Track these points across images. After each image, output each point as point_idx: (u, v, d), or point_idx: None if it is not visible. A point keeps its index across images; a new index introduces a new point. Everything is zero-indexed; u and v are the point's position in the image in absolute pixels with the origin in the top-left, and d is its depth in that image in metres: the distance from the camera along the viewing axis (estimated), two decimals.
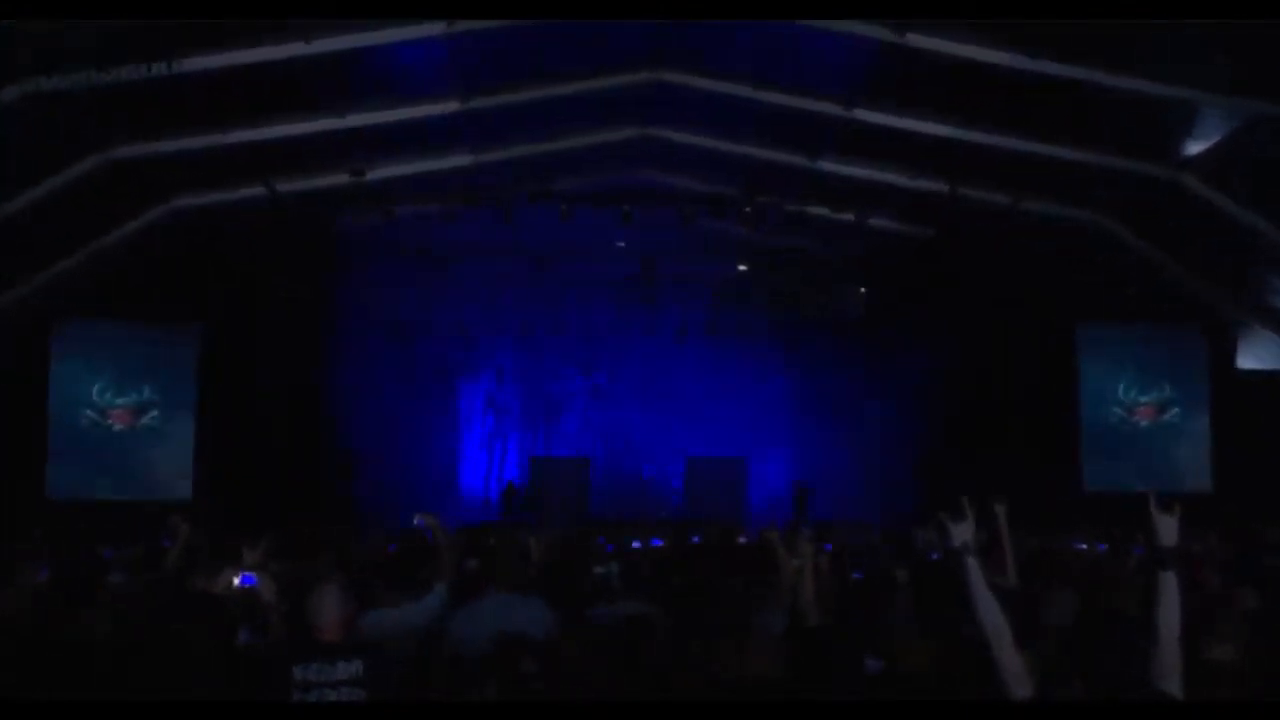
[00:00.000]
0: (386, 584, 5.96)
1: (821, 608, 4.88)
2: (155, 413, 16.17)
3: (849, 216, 16.16)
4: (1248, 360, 16.95)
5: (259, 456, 15.80)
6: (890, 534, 11.10)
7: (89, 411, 15.98)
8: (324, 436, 17.29)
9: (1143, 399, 17.13)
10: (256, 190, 14.59)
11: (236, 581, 4.38)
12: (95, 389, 15.98)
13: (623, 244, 18.27)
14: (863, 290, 20.00)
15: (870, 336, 19.62)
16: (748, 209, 16.09)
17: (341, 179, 14.73)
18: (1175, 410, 17.15)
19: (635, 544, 10.16)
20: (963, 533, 3.19)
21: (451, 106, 13.42)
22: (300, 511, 14.79)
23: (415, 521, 7.26)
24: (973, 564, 3.14)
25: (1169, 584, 3.06)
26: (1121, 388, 17.12)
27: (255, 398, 16.05)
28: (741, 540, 11.93)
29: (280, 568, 6.08)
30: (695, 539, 11.48)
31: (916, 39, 11.41)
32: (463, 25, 11.27)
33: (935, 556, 8.51)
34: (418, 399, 20.12)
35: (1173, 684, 3.03)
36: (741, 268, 19.55)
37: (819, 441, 20.32)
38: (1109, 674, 3.95)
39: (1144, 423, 17.11)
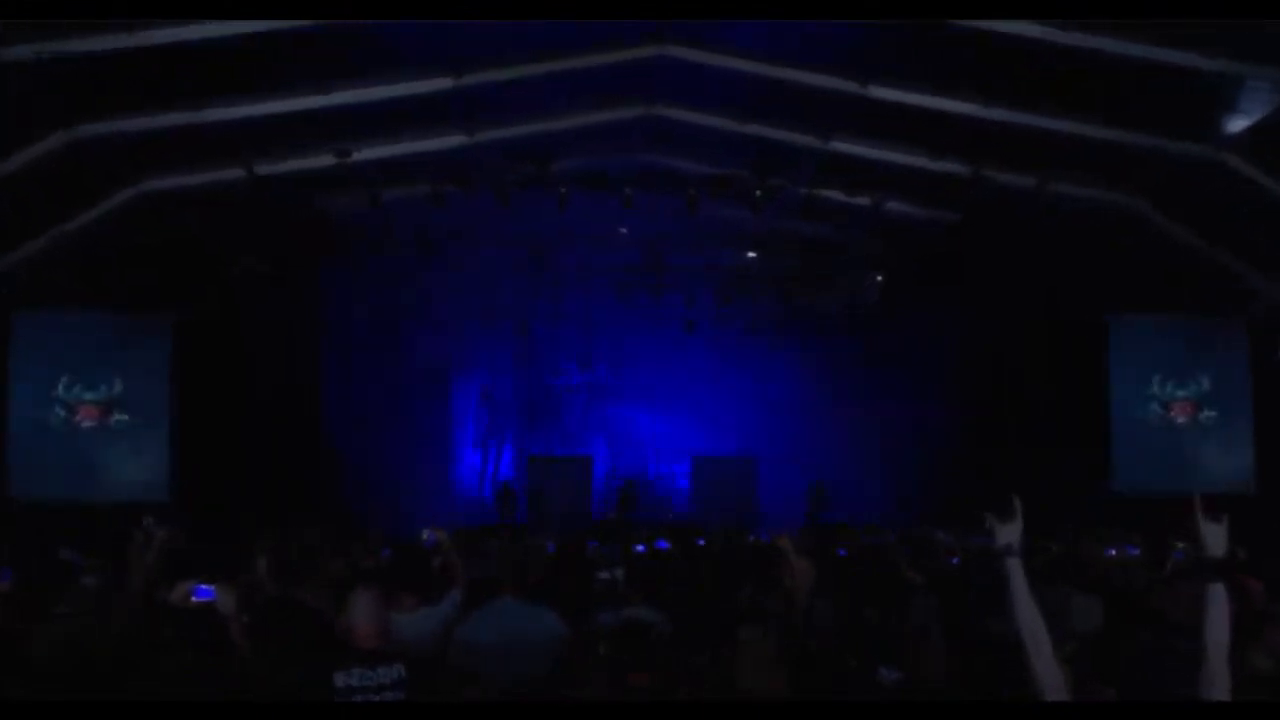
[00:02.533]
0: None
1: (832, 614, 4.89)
2: (126, 409, 16.12)
3: (865, 200, 16.10)
4: None
5: (239, 456, 15.74)
6: (908, 536, 11.07)
7: (55, 407, 15.88)
8: (308, 435, 17.27)
9: (1179, 394, 17.02)
10: (234, 172, 14.52)
11: (192, 595, 4.42)
12: (61, 383, 15.89)
13: (625, 230, 18.24)
14: (880, 279, 19.96)
15: (887, 328, 19.60)
16: (758, 193, 16.03)
17: (326, 160, 14.63)
18: (1214, 406, 17.05)
19: (639, 548, 10.12)
20: (1009, 534, 3.20)
21: (443, 83, 13.37)
22: (283, 515, 14.80)
23: (425, 536, 7.43)
24: (1016, 567, 3.16)
25: (1217, 596, 3.05)
26: (1156, 382, 17.00)
27: (234, 393, 15.99)
28: (751, 539, 11.96)
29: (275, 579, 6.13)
30: (700, 541, 11.47)
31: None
32: None
33: (956, 561, 8.51)
34: (408, 395, 20.12)
35: (1220, 699, 3.02)
36: (751, 255, 19.52)
37: (833, 439, 20.31)
38: (1143, 684, 3.92)
39: (1180, 419, 16.99)
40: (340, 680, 4.12)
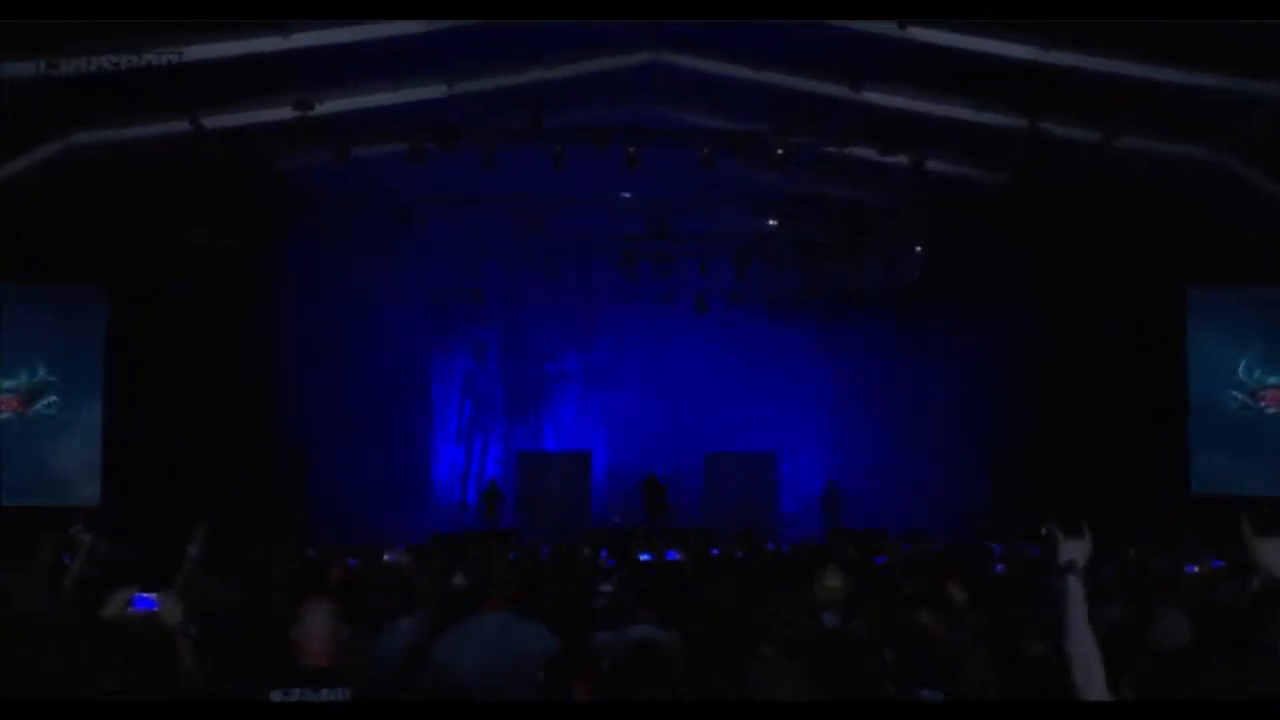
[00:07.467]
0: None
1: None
2: (53, 397, 16.06)
3: (902, 159, 16.07)
4: None
5: (184, 451, 15.74)
6: (952, 545, 11.09)
7: None
8: (266, 428, 17.27)
9: (1270, 380, 16.95)
10: (178, 125, 14.47)
11: (130, 605, 4.37)
12: None
13: (628, 194, 18.23)
14: (919, 249, 19.91)
15: (928, 306, 19.54)
16: (779, 151, 16.00)
17: (285, 112, 14.62)
18: None
19: (645, 556, 10.17)
20: (1074, 551, 3.29)
21: (419, 24, 13.30)
22: (238, 519, 14.82)
23: (385, 558, 7.59)
24: (1076, 587, 3.23)
25: None
26: (1243, 366, 16.94)
27: (179, 379, 15.96)
28: (771, 547, 11.99)
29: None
30: (714, 551, 11.50)
31: None
32: None
33: (1000, 569, 8.57)
34: (380, 383, 20.12)
35: None
36: (772, 223, 19.50)
37: (864, 434, 20.30)
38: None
39: (1271, 409, 16.94)
40: (277, 699, 4.08)
